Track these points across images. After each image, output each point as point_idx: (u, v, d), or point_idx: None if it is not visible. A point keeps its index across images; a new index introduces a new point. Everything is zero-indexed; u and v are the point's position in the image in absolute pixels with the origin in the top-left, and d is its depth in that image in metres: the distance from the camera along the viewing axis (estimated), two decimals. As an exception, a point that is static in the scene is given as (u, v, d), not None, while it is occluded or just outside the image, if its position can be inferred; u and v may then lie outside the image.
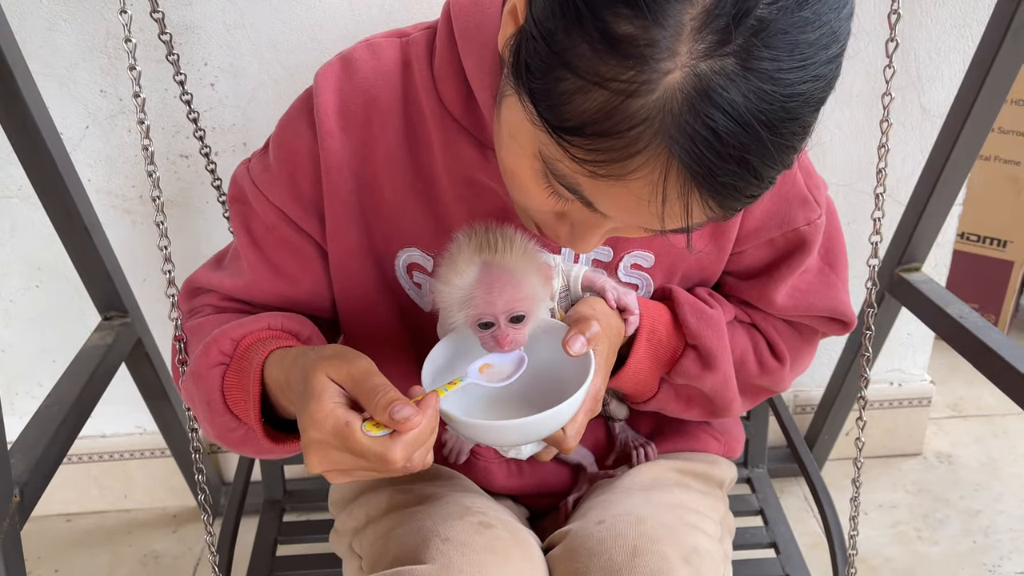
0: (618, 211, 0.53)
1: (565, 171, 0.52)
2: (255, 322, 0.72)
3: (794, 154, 0.51)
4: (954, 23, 1.21)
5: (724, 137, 0.47)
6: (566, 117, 0.49)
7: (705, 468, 0.89)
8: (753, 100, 0.46)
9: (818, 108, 0.51)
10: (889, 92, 0.80)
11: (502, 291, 0.64)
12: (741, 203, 0.52)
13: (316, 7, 1.15)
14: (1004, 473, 1.52)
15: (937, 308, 1.05)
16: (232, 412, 0.69)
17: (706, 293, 0.82)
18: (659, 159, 0.48)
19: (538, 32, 0.50)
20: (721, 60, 0.46)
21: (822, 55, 0.48)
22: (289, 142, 0.75)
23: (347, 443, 0.57)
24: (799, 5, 0.47)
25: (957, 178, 1.08)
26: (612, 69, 0.47)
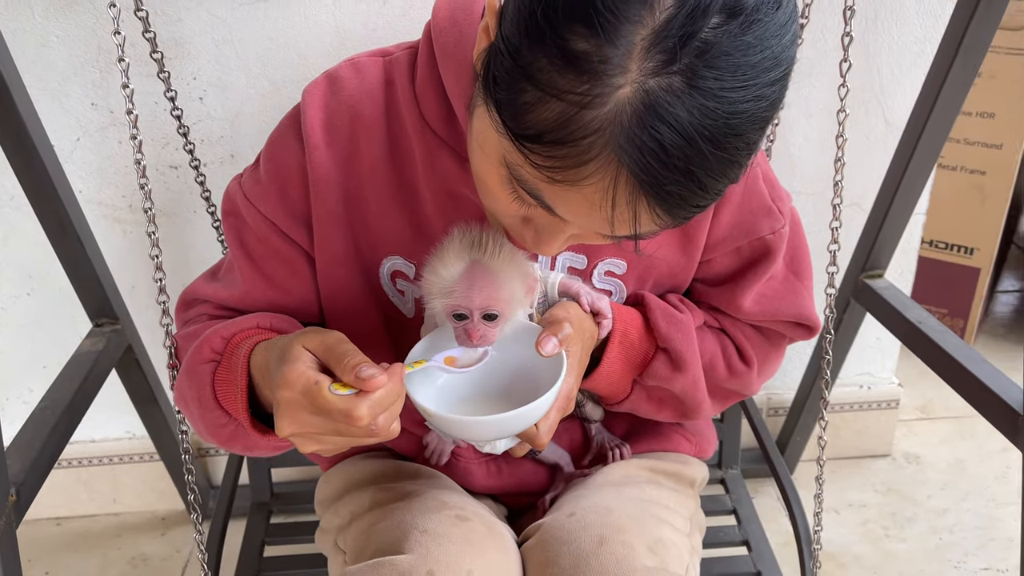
0: (574, 215, 0.57)
1: (527, 177, 0.56)
2: (245, 321, 0.76)
3: (739, 169, 0.55)
4: (914, 40, 1.26)
5: (669, 149, 0.51)
6: (527, 126, 0.53)
7: (677, 467, 0.93)
8: (697, 116, 0.50)
9: (763, 127, 0.55)
10: (844, 109, 0.84)
11: (482, 288, 0.68)
12: (688, 212, 0.56)
13: (302, 24, 1.19)
14: (970, 473, 1.57)
15: (897, 313, 1.10)
16: (222, 407, 0.72)
17: (677, 299, 0.86)
18: (609, 167, 0.52)
19: (505, 47, 0.54)
20: (668, 78, 0.50)
21: (764, 77, 0.52)
22: (278, 156, 0.78)
23: (315, 401, 0.60)
24: (742, 30, 0.51)
25: (916, 187, 1.13)
26: (569, 82, 0.51)
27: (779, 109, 0.57)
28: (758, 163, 0.81)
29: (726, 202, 0.80)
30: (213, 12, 1.17)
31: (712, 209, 0.80)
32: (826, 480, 1.54)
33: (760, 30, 0.52)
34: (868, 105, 1.31)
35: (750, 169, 0.78)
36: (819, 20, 1.21)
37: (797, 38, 0.56)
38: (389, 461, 0.91)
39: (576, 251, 0.81)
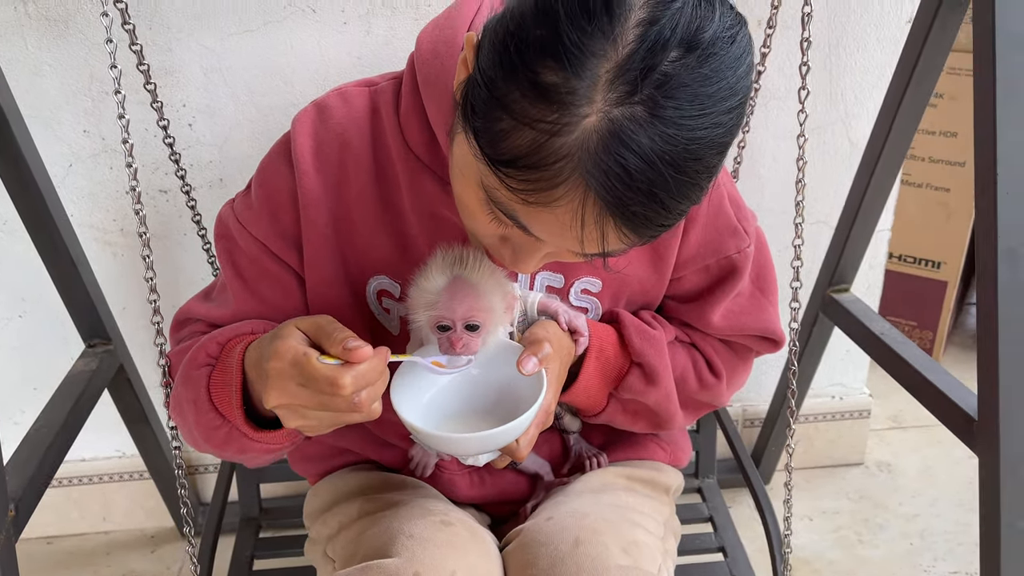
0: (547, 235, 0.61)
1: (503, 199, 0.60)
2: (241, 327, 0.79)
3: (700, 191, 0.59)
4: (875, 65, 1.32)
5: (633, 173, 0.55)
6: (502, 151, 0.57)
7: (652, 475, 0.97)
8: (658, 142, 0.55)
9: (721, 151, 0.59)
10: (803, 134, 0.89)
11: (464, 300, 0.72)
12: (653, 231, 0.60)
13: (289, 52, 1.23)
14: (940, 480, 1.62)
15: (862, 325, 1.15)
16: (217, 409, 0.74)
17: (650, 316, 0.91)
18: (578, 190, 0.56)
19: (482, 79, 0.59)
20: (631, 107, 0.54)
21: (721, 106, 0.57)
22: (270, 181, 0.82)
23: (303, 371, 0.64)
24: (699, 63, 0.55)
25: (877, 205, 1.18)
26: (540, 112, 0.55)
27: (737, 135, 0.61)
28: (724, 185, 0.86)
29: (694, 223, 0.84)
30: (202, 42, 1.21)
31: (681, 230, 0.84)
32: (801, 488, 1.60)
33: (716, 63, 0.56)
34: (834, 127, 1.37)
35: (716, 191, 0.83)
36: (785, 47, 1.26)
37: (752, 69, 0.61)
38: (375, 473, 0.94)
39: (554, 270, 0.85)
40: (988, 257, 0.84)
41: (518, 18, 0.58)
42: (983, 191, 0.84)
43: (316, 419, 0.67)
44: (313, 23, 1.21)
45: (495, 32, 0.59)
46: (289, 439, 0.76)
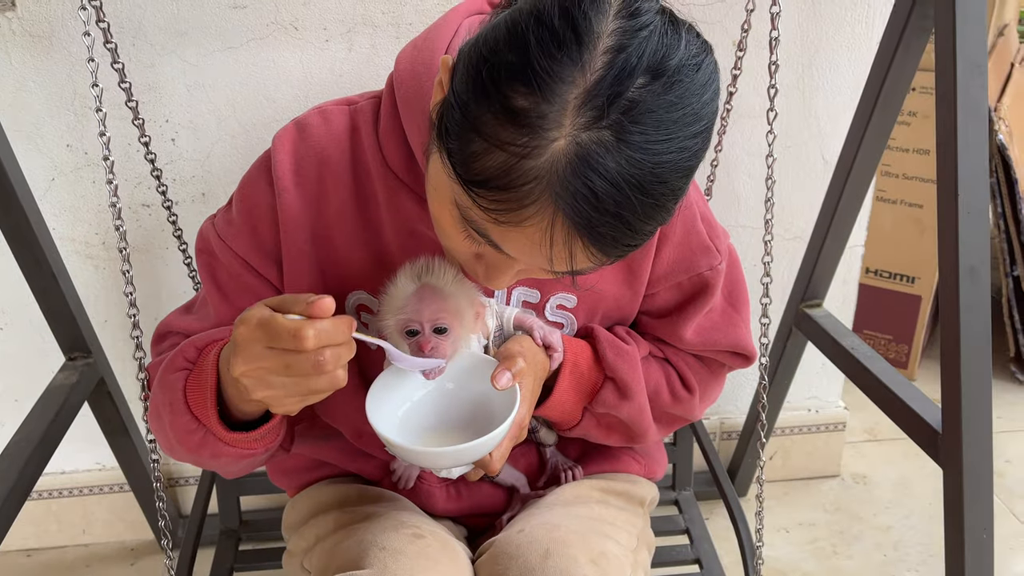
0: (518, 253, 0.63)
1: (475, 218, 0.62)
2: (218, 333, 0.80)
3: (666, 212, 0.61)
4: (846, 85, 1.35)
5: (600, 196, 0.57)
6: (474, 172, 0.59)
7: (626, 487, 0.99)
8: (625, 166, 0.57)
9: (687, 174, 0.61)
10: (771, 154, 0.92)
11: (430, 303, 0.74)
12: (620, 251, 0.62)
13: (270, 69, 1.24)
14: (914, 491, 1.65)
15: (833, 340, 1.17)
16: (192, 413, 0.73)
17: (624, 331, 0.93)
18: (547, 210, 0.58)
19: (456, 101, 0.61)
20: (599, 132, 0.56)
21: (686, 131, 0.59)
22: (250, 198, 0.83)
23: (268, 329, 0.62)
24: (665, 90, 0.58)
25: (848, 221, 1.21)
26: (510, 135, 0.57)
27: (703, 158, 0.63)
28: (696, 204, 0.88)
29: (667, 241, 0.86)
30: (185, 59, 1.22)
31: (655, 247, 0.86)
32: (779, 500, 1.62)
33: (681, 89, 0.58)
34: (807, 145, 1.40)
35: (688, 210, 0.85)
36: (759, 67, 1.29)
37: (718, 95, 0.63)
38: (353, 486, 0.95)
39: (530, 286, 0.87)
40: (950, 275, 0.87)
41: (491, 43, 0.60)
42: (945, 211, 0.87)
43: (282, 387, 0.65)
44: (295, 40, 1.23)
45: (469, 56, 0.61)
46: (263, 443, 0.76)
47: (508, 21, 0.60)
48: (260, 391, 0.65)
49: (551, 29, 0.57)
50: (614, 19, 0.58)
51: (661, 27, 0.59)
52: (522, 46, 0.57)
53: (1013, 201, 1.87)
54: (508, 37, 0.59)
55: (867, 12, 1.30)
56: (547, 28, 0.57)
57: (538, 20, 0.58)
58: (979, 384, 0.88)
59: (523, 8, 0.60)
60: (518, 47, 0.57)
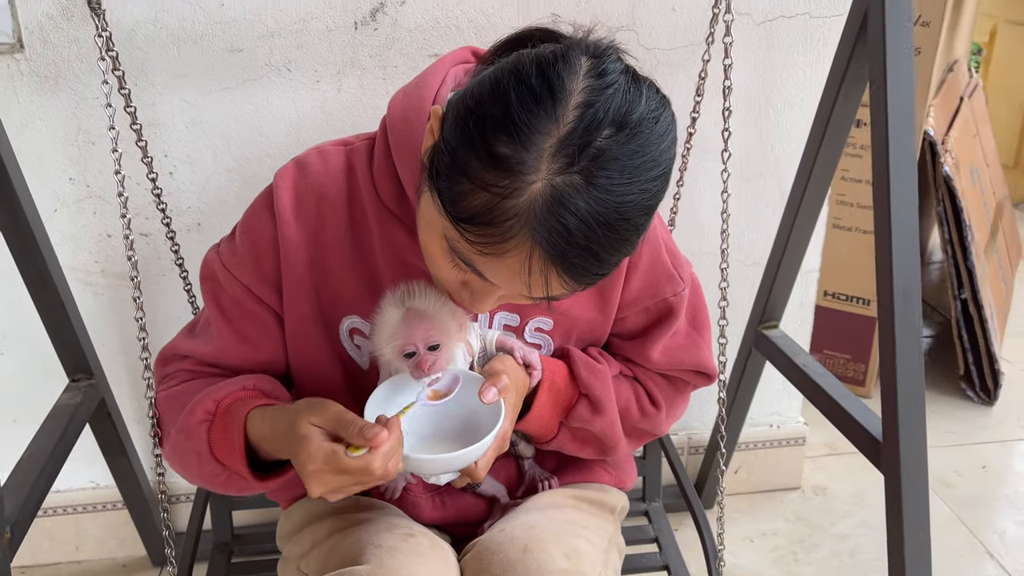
0: (500, 280, 0.72)
1: (462, 249, 0.70)
2: (232, 384, 0.88)
3: (630, 245, 0.70)
4: (800, 121, 1.46)
5: (572, 231, 0.66)
6: (461, 210, 0.68)
7: (598, 495, 1.07)
8: (593, 206, 0.66)
9: (648, 212, 0.70)
10: (727, 190, 1.02)
11: (420, 325, 0.82)
12: (590, 279, 0.71)
13: (264, 107, 1.33)
14: (870, 502, 1.75)
15: (788, 358, 1.27)
16: (218, 460, 0.85)
17: (596, 352, 1.01)
18: (525, 244, 0.67)
19: (445, 147, 0.69)
20: (570, 176, 0.65)
21: (647, 175, 0.68)
22: (254, 230, 0.91)
23: (337, 466, 0.73)
24: (628, 139, 0.67)
25: (801, 248, 1.31)
26: (493, 178, 0.66)
27: (662, 198, 0.72)
28: (662, 236, 0.97)
29: (635, 270, 0.95)
30: (184, 98, 1.30)
31: (624, 276, 0.95)
32: (743, 512, 1.71)
33: (642, 139, 0.68)
34: (765, 178, 1.51)
35: (654, 241, 0.94)
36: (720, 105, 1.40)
37: (674, 143, 0.72)
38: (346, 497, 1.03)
39: (510, 311, 0.95)
40: (885, 296, 0.97)
41: (477, 97, 0.69)
42: (880, 239, 0.97)
43: (351, 491, 0.77)
44: (288, 81, 1.31)
45: (458, 108, 0.70)
46: (284, 479, 0.87)
47: (492, 78, 0.69)
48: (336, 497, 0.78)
49: (529, 86, 0.66)
50: (584, 78, 0.67)
51: (625, 85, 0.68)
52: (504, 101, 0.66)
53: (959, 229, 2.00)
54: (492, 92, 0.68)
55: (816, 58, 1.42)
56: (526, 85, 0.66)
57: (518, 78, 0.67)
58: (914, 396, 0.98)
59: (505, 67, 0.69)
60: (501, 101, 0.66)
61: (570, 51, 0.68)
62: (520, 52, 0.71)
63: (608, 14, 1.34)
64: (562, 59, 0.67)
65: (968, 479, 1.83)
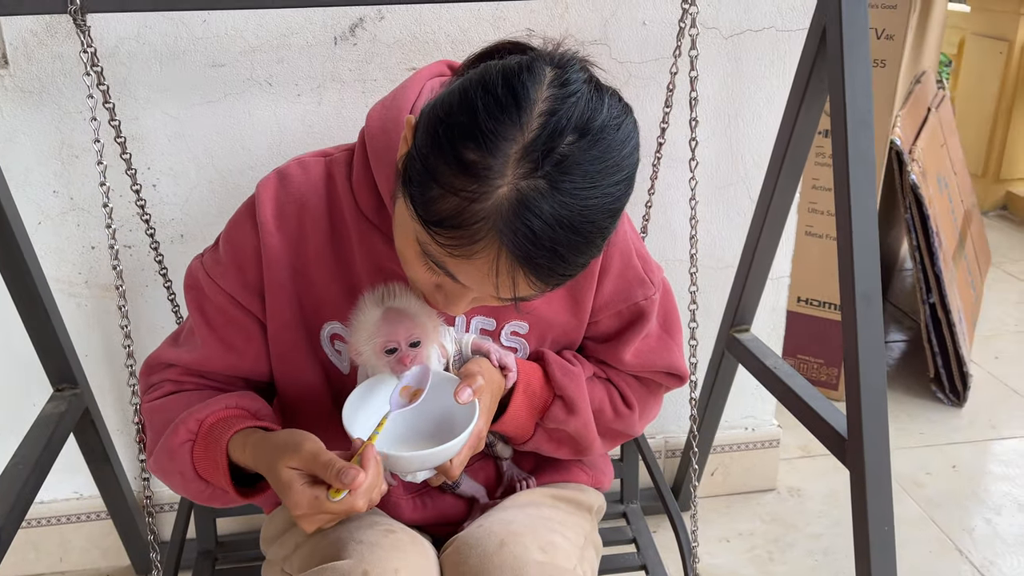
0: (470, 282, 0.75)
1: (434, 252, 0.74)
2: (215, 403, 0.90)
3: (595, 248, 0.73)
4: (769, 133, 1.50)
5: (538, 233, 0.69)
6: (432, 214, 0.71)
7: (575, 494, 1.10)
8: (557, 209, 0.69)
9: (613, 215, 0.73)
10: (695, 197, 1.05)
11: (401, 323, 0.85)
12: (557, 280, 0.73)
13: (246, 120, 1.36)
14: (843, 502, 1.79)
15: (759, 361, 1.31)
16: (203, 478, 0.87)
17: (571, 354, 1.04)
18: (493, 246, 0.70)
19: (417, 155, 0.73)
20: (535, 181, 0.68)
21: (609, 179, 0.71)
22: (236, 239, 0.93)
23: (323, 510, 0.76)
24: (590, 145, 0.70)
25: (769, 254, 1.35)
26: (462, 183, 0.69)
27: (627, 201, 0.75)
28: (633, 242, 1.00)
29: (607, 274, 0.98)
30: (167, 111, 1.33)
31: (596, 281, 0.98)
32: (720, 513, 1.75)
33: (604, 145, 0.71)
34: (736, 186, 1.55)
35: (625, 247, 0.98)
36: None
37: (637, 149, 0.75)
38: (328, 499, 1.05)
39: (487, 315, 0.98)
40: (848, 301, 1.01)
41: (447, 107, 0.72)
42: (842, 245, 1.01)
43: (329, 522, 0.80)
44: (269, 95, 1.34)
45: (429, 117, 0.73)
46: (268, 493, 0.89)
47: (461, 88, 0.72)
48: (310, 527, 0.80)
49: (495, 96, 0.69)
50: (548, 88, 0.71)
51: (587, 94, 0.72)
52: (472, 110, 0.70)
53: (926, 235, 2.05)
54: (461, 102, 0.71)
55: (783, 70, 1.46)
56: (492, 95, 0.70)
57: (485, 88, 0.70)
58: (876, 395, 1.02)
59: (473, 78, 0.73)
60: (468, 110, 0.70)
61: (535, 62, 0.72)
62: (487, 63, 0.74)
63: (581, 29, 1.38)
64: (527, 70, 0.71)
65: (938, 479, 1.87)
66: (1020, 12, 3.17)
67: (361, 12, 1.31)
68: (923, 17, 2.17)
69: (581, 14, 1.37)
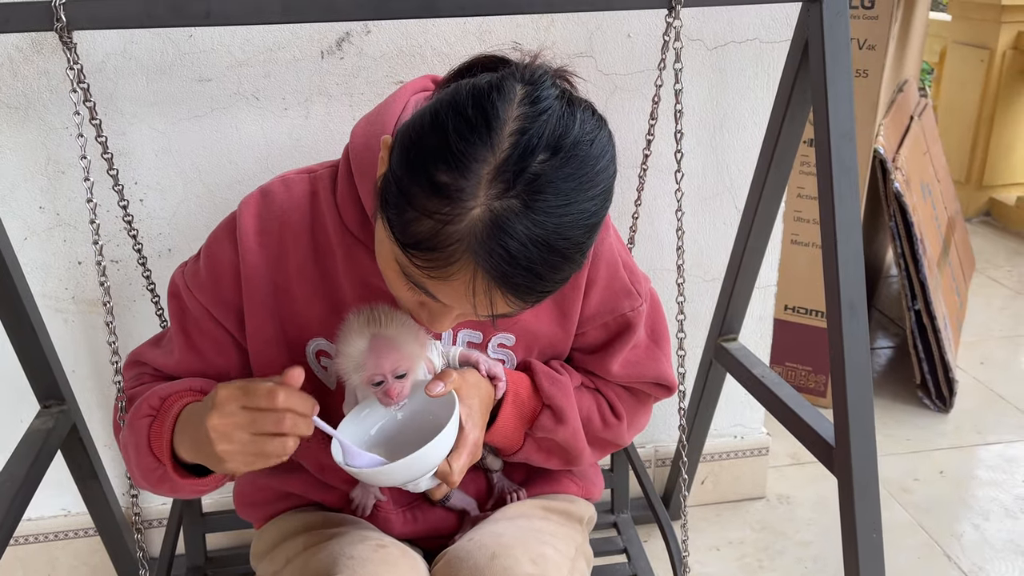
0: (449, 301, 0.75)
1: (412, 273, 0.74)
2: (179, 384, 0.92)
3: (573, 264, 0.73)
4: (753, 143, 1.51)
5: (513, 253, 0.69)
6: (408, 236, 0.71)
7: (565, 506, 1.10)
8: (532, 227, 0.69)
9: (590, 230, 0.73)
10: (680, 208, 1.06)
11: (388, 355, 0.85)
12: (536, 297, 0.74)
13: (233, 135, 1.36)
14: (832, 509, 1.77)
15: (746, 370, 1.32)
16: (154, 454, 0.86)
17: (559, 364, 1.04)
18: (468, 267, 0.70)
19: (392, 177, 0.73)
20: (508, 200, 0.68)
21: (584, 195, 0.71)
22: (215, 256, 0.94)
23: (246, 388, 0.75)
24: (563, 163, 0.70)
25: (755, 263, 1.36)
26: (435, 205, 0.69)
27: (604, 215, 0.75)
28: (619, 253, 1.01)
29: (594, 286, 0.98)
30: (154, 126, 1.33)
31: (583, 292, 0.99)
32: (710, 521, 1.76)
33: (577, 162, 0.70)
34: (722, 196, 1.56)
35: (611, 258, 0.98)
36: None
37: (612, 162, 0.75)
38: (318, 513, 1.05)
39: (473, 328, 0.99)
40: (833, 310, 1.02)
41: (419, 129, 0.72)
42: (827, 256, 1.02)
43: (240, 443, 0.77)
44: (256, 109, 1.35)
45: (402, 139, 0.74)
46: (214, 482, 0.88)
47: (432, 110, 0.72)
48: (221, 444, 0.77)
49: (465, 117, 0.69)
50: (518, 106, 0.70)
51: (559, 110, 0.71)
52: (442, 131, 0.70)
53: (911, 242, 2.07)
54: (432, 124, 0.71)
55: (767, 81, 1.48)
56: (462, 116, 0.69)
57: (455, 109, 0.70)
58: (862, 403, 1.03)
59: (444, 99, 0.73)
60: (439, 132, 0.70)
61: (505, 80, 0.72)
62: (458, 83, 0.74)
63: (567, 41, 1.39)
64: (497, 89, 0.71)
65: (926, 485, 1.89)
66: (1001, 20, 3.21)
67: (348, 26, 1.32)
68: (904, 26, 2.19)
69: (566, 27, 1.38)
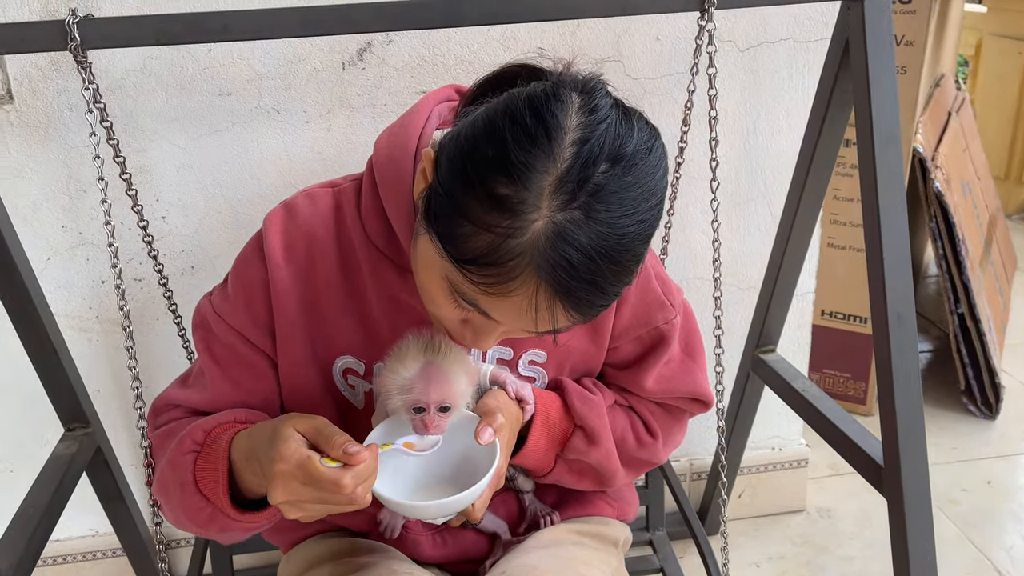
0: (505, 319, 0.72)
1: (466, 290, 0.71)
2: (223, 416, 0.88)
3: (631, 275, 0.71)
4: (788, 146, 1.47)
5: (576, 266, 0.66)
6: (464, 252, 0.68)
7: (600, 529, 1.06)
8: (595, 239, 0.66)
9: (646, 240, 0.71)
10: (716, 219, 1.02)
11: (438, 385, 0.82)
12: (595, 310, 0.71)
13: (255, 150, 1.33)
14: (875, 522, 1.73)
15: (786, 383, 1.27)
16: (202, 493, 0.83)
17: (590, 382, 1.01)
18: (531, 282, 0.67)
19: (442, 190, 0.70)
20: (571, 212, 0.66)
21: (644, 205, 0.69)
22: (245, 275, 0.91)
23: (308, 472, 0.72)
24: (624, 172, 0.68)
25: (794, 271, 1.31)
26: (495, 219, 0.66)
27: (659, 226, 0.73)
28: (651, 265, 0.97)
29: (626, 300, 0.95)
30: (175, 143, 1.31)
31: (615, 306, 0.95)
32: (749, 536, 1.70)
33: (638, 171, 0.69)
34: (756, 202, 1.51)
35: (643, 271, 0.95)
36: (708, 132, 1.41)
37: (667, 173, 0.74)
38: (345, 539, 1.02)
39: (504, 344, 0.95)
40: (880, 320, 0.97)
41: (471, 139, 0.69)
42: (872, 264, 0.97)
43: (314, 510, 0.76)
44: (278, 123, 1.32)
45: (452, 150, 0.71)
46: (268, 519, 0.85)
47: (485, 119, 0.70)
48: (293, 513, 0.76)
49: (524, 126, 0.67)
50: (576, 115, 0.68)
51: (616, 119, 0.69)
52: (500, 142, 0.67)
53: (953, 244, 2.00)
54: (487, 133, 0.68)
55: (802, 83, 1.43)
56: (520, 126, 0.67)
57: (512, 119, 0.68)
58: (913, 420, 0.97)
59: (497, 108, 0.70)
60: (496, 143, 0.67)
61: (560, 88, 0.69)
62: (511, 92, 0.71)
63: (594, 46, 1.35)
64: (554, 96, 0.68)
65: (973, 495, 1.82)
66: (1038, 11, 3.11)
67: (369, 36, 1.29)
68: (941, 20, 2.12)
69: (593, 31, 1.34)
